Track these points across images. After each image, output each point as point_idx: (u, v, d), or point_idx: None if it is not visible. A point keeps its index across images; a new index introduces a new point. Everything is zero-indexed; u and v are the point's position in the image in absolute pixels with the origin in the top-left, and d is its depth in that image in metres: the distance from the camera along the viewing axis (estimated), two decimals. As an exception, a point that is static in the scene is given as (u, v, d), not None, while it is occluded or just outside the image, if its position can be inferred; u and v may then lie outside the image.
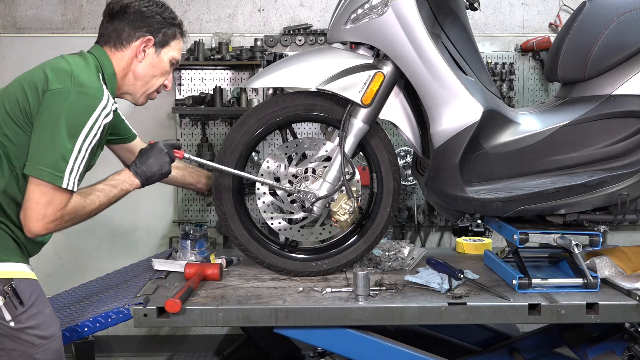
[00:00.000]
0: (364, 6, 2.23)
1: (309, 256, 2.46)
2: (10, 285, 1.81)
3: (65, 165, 1.80)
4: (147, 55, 2.05)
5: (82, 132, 1.82)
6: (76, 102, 1.82)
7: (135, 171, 2.07)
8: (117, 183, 2.03)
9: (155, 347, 4.18)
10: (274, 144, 3.96)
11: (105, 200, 1.99)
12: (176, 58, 2.13)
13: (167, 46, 2.09)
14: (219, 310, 2.08)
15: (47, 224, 1.82)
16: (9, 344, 1.82)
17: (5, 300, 1.80)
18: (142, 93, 2.11)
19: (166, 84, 2.15)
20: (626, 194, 2.26)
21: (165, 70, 2.11)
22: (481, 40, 4.03)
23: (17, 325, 1.81)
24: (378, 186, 2.46)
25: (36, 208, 1.80)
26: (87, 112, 1.83)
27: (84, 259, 4.00)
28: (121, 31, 2.01)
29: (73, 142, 1.81)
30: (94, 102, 1.85)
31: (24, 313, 1.83)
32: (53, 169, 1.79)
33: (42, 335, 1.86)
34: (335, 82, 2.23)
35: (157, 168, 2.10)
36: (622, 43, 2.31)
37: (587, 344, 2.47)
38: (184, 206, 4.09)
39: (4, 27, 4.02)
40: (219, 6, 4.08)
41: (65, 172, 1.80)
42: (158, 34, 2.05)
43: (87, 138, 1.84)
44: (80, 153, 1.83)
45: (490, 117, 2.28)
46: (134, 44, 2.02)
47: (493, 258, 2.53)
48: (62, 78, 1.84)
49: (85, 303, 2.33)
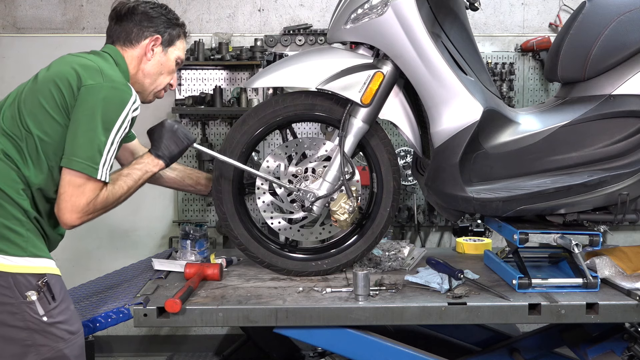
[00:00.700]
0: (364, 6, 2.23)
1: (309, 256, 2.46)
2: (44, 281, 1.86)
3: (100, 157, 1.89)
4: (155, 53, 2.13)
5: (115, 125, 1.91)
6: (110, 96, 1.90)
7: (156, 154, 2.12)
8: (142, 166, 2.10)
9: (155, 347, 4.18)
10: (274, 143, 3.96)
11: (133, 184, 2.06)
12: (181, 57, 2.22)
13: (172, 45, 2.17)
14: (219, 310, 2.08)
15: (81, 215, 1.90)
16: (39, 339, 1.85)
17: (40, 295, 1.84)
18: (150, 91, 2.18)
19: (172, 82, 2.23)
20: (626, 194, 2.26)
21: (172, 68, 2.19)
22: (481, 40, 4.03)
23: (49, 320, 1.85)
24: (378, 186, 2.46)
25: (70, 200, 1.88)
26: (120, 106, 1.92)
27: (84, 259, 4.00)
28: (130, 31, 2.10)
29: (107, 135, 1.90)
30: (125, 96, 1.94)
31: (56, 308, 1.88)
32: (90, 161, 1.87)
33: (70, 330, 1.91)
34: (335, 81, 2.23)
35: (174, 145, 2.15)
36: (622, 43, 2.31)
37: (587, 344, 2.47)
38: (184, 206, 4.09)
39: (4, 27, 4.02)
40: (219, 6, 4.09)
41: (99, 164, 1.89)
42: (164, 33, 2.14)
43: (119, 131, 1.93)
44: (112, 145, 1.92)
45: (490, 117, 2.28)
46: (142, 43, 2.11)
47: (493, 258, 2.53)
48: (93, 74, 1.92)
49: (85, 303, 2.33)
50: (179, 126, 2.18)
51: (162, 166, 2.13)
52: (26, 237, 1.86)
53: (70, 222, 1.90)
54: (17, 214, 1.85)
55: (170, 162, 2.15)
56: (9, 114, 1.93)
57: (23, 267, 1.83)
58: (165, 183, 2.52)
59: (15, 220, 1.85)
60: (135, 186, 2.07)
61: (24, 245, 1.85)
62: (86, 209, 1.90)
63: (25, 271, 1.84)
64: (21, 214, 1.86)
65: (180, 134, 2.16)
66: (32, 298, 1.83)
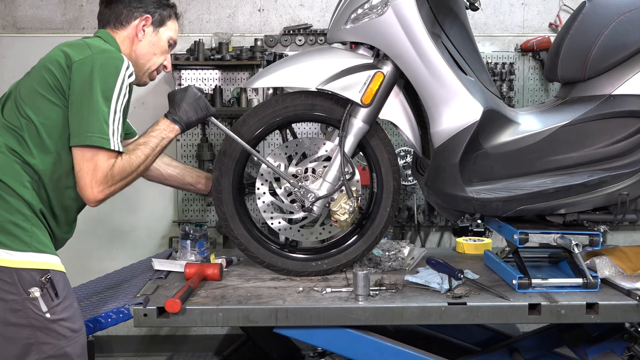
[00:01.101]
0: (364, 6, 2.23)
1: (309, 256, 2.46)
2: (48, 277, 1.85)
3: (107, 127, 1.88)
4: (147, 34, 2.14)
5: (114, 93, 1.90)
6: (102, 65, 1.89)
7: (172, 119, 2.13)
8: (157, 133, 2.09)
9: (155, 347, 4.18)
10: (274, 143, 3.96)
11: (150, 152, 2.05)
12: (173, 38, 2.22)
13: (164, 25, 2.17)
14: (219, 310, 2.08)
15: (102, 187, 1.89)
16: (41, 337, 1.83)
17: (43, 291, 1.83)
18: (144, 72, 2.18)
19: (166, 64, 2.23)
20: (626, 194, 2.26)
21: (164, 49, 2.20)
22: (481, 40, 4.03)
23: (52, 316, 1.84)
24: (378, 186, 2.46)
25: (88, 175, 1.88)
26: (114, 72, 1.91)
27: (84, 259, 4.00)
28: (119, 13, 2.10)
29: (108, 105, 1.89)
30: (118, 62, 1.93)
31: (59, 305, 1.86)
32: (99, 133, 1.86)
33: (73, 328, 1.90)
34: (335, 82, 2.23)
35: (193, 112, 2.16)
36: (622, 43, 2.31)
37: (587, 344, 2.48)
38: (184, 206, 4.09)
39: (4, 27, 4.02)
40: (219, 6, 4.08)
41: (109, 134, 1.88)
42: (154, 13, 2.14)
43: (119, 98, 1.92)
44: (116, 114, 1.91)
45: (490, 117, 2.28)
46: (133, 23, 2.11)
47: (493, 258, 2.53)
48: (81, 49, 1.92)
49: (85, 303, 2.33)
50: (202, 95, 2.19)
51: (178, 132, 2.13)
52: (30, 232, 1.85)
53: (94, 197, 1.90)
54: (21, 208, 1.85)
55: (186, 128, 2.15)
56: (7, 108, 1.94)
57: (27, 262, 1.82)
58: (165, 181, 2.52)
59: (20, 215, 1.84)
60: (153, 154, 2.06)
61: (28, 240, 1.84)
62: (105, 180, 1.89)
63: (29, 266, 1.83)
64: (26, 207, 1.85)
65: (202, 102, 2.18)
66: (35, 294, 1.82)
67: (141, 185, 2.36)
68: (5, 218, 1.83)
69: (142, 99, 4.03)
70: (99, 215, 4.03)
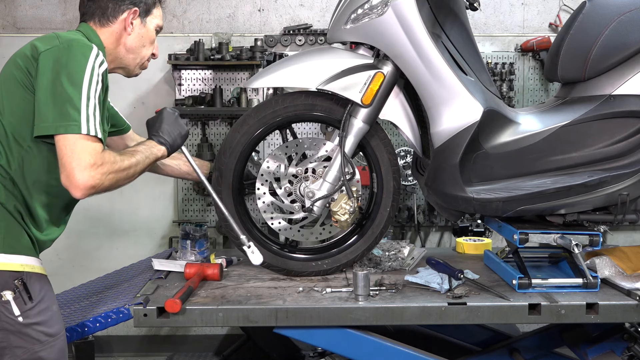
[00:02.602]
0: (364, 6, 2.23)
1: (309, 256, 2.46)
2: (21, 280, 1.79)
3: (76, 113, 1.74)
4: (135, 26, 2.05)
5: (83, 79, 1.78)
6: (69, 53, 1.79)
7: (158, 141, 2.06)
8: (145, 148, 2.00)
9: (155, 347, 4.18)
10: (274, 144, 3.96)
11: (140, 159, 1.93)
12: (160, 25, 2.15)
13: (150, 14, 2.10)
14: (219, 310, 2.08)
15: (92, 172, 1.73)
16: (14, 340, 1.78)
17: (15, 294, 1.77)
18: (135, 64, 2.12)
19: (155, 52, 2.16)
20: (626, 194, 2.26)
21: (153, 38, 2.13)
22: (481, 40, 4.03)
23: (25, 320, 1.79)
24: (378, 186, 2.46)
25: (72, 162, 1.72)
26: (81, 60, 1.80)
27: (84, 259, 4.01)
28: (105, 7, 2.01)
29: (78, 90, 1.76)
30: (85, 50, 1.82)
31: (33, 308, 1.80)
32: (64, 120, 1.73)
33: (48, 333, 1.84)
34: (335, 82, 2.23)
35: (177, 132, 2.11)
36: (622, 43, 2.31)
37: (587, 344, 2.48)
38: (184, 206, 4.09)
39: (4, 27, 4.02)
40: (219, 6, 4.08)
41: (80, 119, 1.74)
42: (140, 3, 2.06)
43: (90, 85, 1.79)
44: (90, 100, 1.77)
45: (490, 117, 2.28)
46: (121, 18, 2.02)
47: (493, 258, 2.53)
48: (49, 40, 1.84)
49: (85, 303, 2.33)
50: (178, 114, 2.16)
51: (165, 152, 2.06)
52: (3, 233, 1.79)
53: (83, 182, 1.72)
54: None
55: (172, 150, 2.09)
56: None
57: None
58: (161, 172, 2.48)
59: None
60: (142, 162, 1.93)
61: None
62: (93, 164, 1.73)
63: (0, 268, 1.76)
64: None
65: (180, 122, 2.14)
66: (7, 297, 1.75)
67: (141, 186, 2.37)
68: None
69: (142, 98, 4.03)
70: (99, 215, 4.04)
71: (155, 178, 2.59)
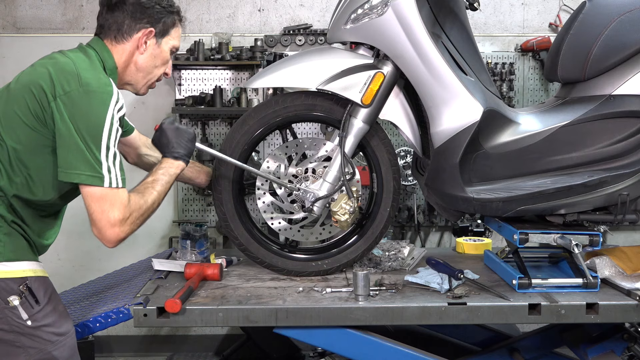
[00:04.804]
0: (364, 6, 2.23)
1: (309, 256, 2.46)
2: (26, 285, 1.81)
3: (99, 166, 1.79)
4: (149, 46, 2.03)
5: (104, 131, 1.81)
6: (89, 103, 1.79)
7: (174, 157, 2.09)
8: (164, 171, 2.05)
9: (155, 347, 4.18)
10: (274, 144, 3.96)
11: (162, 188, 2.02)
12: (176, 46, 2.12)
13: (167, 35, 2.06)
14: (219, 310, 2.08)
15: (122, 226, 1.83)
16: (26, 341, 1.81)
17: (22, 299, 1.80)
18: (143, 84, 2.10)
19: (167, 71, 2.14)
20: (626, 194, 2.26)
21: (166, 59, 2.10)
22: (481, 40, 4.03)
23: (33, 323, 1.82)
24: (378, 186, 2.46)
25: (103, 217, 1.81)
26: (101, 111, 1.81)
27: (84, 259, 4.01)
28: (121, 23, 1.98)
29: (98, 143, 1.79)
30: (106, 99, 1.82)
31: (40, 311, 1.84)
32: (90, 172, 1.78)
33: (58, 332, 1.87)
34: (335, 82, 2.23)
35: (185, 140, 2.13)
36: (622, 43, 2.31)
37: (587, 344, 2.47)
38: (184, 206, 4.09)
39: (4, 27, 4.02)
40: (219, 6, 4.09)
41: (102, 172, 1.79)
42: (158, 23, 2.02)
43: (110, 135, 1.82)
44: (109, 150, 1.82)
45: (490, 117, 2.28)
46: (135, 36, 1.99)
47: (493, 258, 2.53)
48: (69, 79, 1.80)
49: (85, 303, 2.33)
50: (177, 123, 2.17)
51: (183, 166, 2.10)
52: (3, 242, 1.81)
53: (114, 237, 1.84)
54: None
55: (188, 159, 2.13)
56: None
57: (1, 272, 1.78)
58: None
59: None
60: (165, 190, 2.03)
61: (1, 250, 1.80)
62: (122, 219, 1.82)
63: (4, 276, 1.79)
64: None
65: (182, 129, 2.15)
66: (14, 303, 1.78)
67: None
68: None
69: (142, 98, 4.02)
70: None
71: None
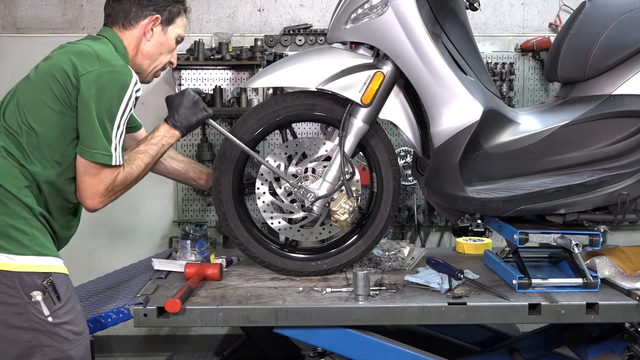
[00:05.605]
0: (364, 6, 2.23)
1: (309, 256, 2.47)
2: (50, 280, 1.84)
3: (110, 143, 1.90)
4: (155, 33, 2.10)
5: (119, 110, 1.91)
6: (110, 82, 1.89)
7: (173, 124, 2.13)
8: (157, 140, 2.11)
9: (155, 347, 4.18)
10: (274, 143, 3.96)
11: (150, 160, 2.08)
12: (181, 35, 2.19)
13: (172, 24, 2.14)
14: (219, 310, 2.08)
15: (102, 199, 1.96)
16: (44, 340, 1.83)
17: (45, 295, 1.82)
18: (149, 71, 2.17)
19: (172, 60, 2.21)
20: (626, 194, 2.26)
21: (172, 47, 2.18)
22: (481, 40, 4.03)
23: (54, 320, 1.84)
24: (378, 186, 2.46)
25: (90, 188, 1.93)
26: (122, 90, 1.91)
27: (84, 259, 4.00)
28: (128, 11, 2.06)
29: (112, 122, 1.90)
30: (126, 79, 1.92)
31: (61, 308, 1.86)
32: (103, 150, 1.89)
33: (75, 331, 1.89)
34: (335, 81, 2.23)
35: (194, 116, 2.16)
36: (622, 43, 2.31)
37: (587, 344, 2.47)
38: (184, 206, 4.09)
39: (4, 27, 4.02)
40: (219, 6, 4.08)
41: (111, 149, 1.91)
42: (164, 11, 2.10)
43: (124, 114, 1.93)
44: (119, 129, 1.93)
45: (490, 117, 2.28)
46: (142, 23, 2.08)
47: (493, 258, 2.53)
48: (90, 61, 1.89)
49: (85, 303, 2.33)
50: (200, 97, 2.19)
51: (178, 137, 2.14)
52: (31, 235, 1.84)
53: (93, 206, 1.97)
54: (21, 212, 1.84)
55: (186, 132, 2.16)
56: (9, 111, 1.92)
57: (28, 266, 1.81)
58: (169, 174, 2.52)
59: (20, 219, 1.83)
60: (152, 162, 2.10)
61: (28, 244, 1.83)
62: (105, 193, 1.95)
63: (30, 270, 1.81)
64: (26, 211, 1.85)
65: (200, 105, 2.17)
66: (37, 298, 1.81)
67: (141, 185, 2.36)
68: (5, 222, 1.82)
69: (142, 98, 3.97)
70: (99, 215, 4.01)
71: (156, 178, 2.59)
